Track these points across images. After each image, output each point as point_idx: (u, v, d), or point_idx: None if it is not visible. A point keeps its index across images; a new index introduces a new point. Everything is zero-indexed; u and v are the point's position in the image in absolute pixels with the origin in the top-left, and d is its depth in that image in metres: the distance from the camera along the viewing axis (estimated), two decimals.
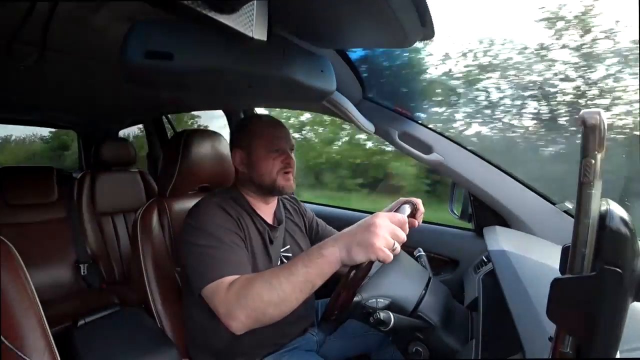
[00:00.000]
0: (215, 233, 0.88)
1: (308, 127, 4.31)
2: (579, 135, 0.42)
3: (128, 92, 1.65)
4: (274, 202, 1.10)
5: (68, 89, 1.62)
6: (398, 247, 0.68)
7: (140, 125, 2.71)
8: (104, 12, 0.60)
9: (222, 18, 0.50)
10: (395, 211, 0.87)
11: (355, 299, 0.76)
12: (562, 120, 2.16)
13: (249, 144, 1.01)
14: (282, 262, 1.05)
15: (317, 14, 0.72)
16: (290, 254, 1.08)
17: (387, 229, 0.66)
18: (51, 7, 0.51)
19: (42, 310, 0.64)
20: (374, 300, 0.78)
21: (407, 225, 0.69)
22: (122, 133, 2.79)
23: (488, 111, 2.49)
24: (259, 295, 0.72)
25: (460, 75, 2.67)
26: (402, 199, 1.03)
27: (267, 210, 1.07)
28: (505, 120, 2.45)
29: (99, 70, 1.22)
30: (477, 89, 2.53)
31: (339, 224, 1.29)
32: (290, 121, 4.10)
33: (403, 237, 0.68)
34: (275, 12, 0.58)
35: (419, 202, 1.00)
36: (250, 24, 0.55)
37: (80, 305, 1.67)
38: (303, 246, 1.13)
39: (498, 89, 2.47)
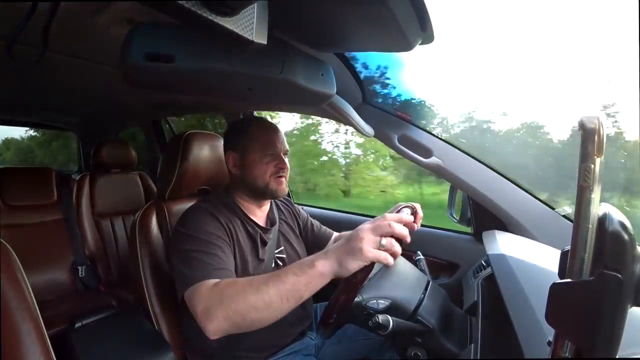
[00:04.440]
0: (202, 238, 0.88)
1: None
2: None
3: (128, 94, 1.65)
4: (266, 205, 1.11)
5: (68, 90, 1.62)
6: (385, 241, 0.66)
7: None
8: (105, 14, 0.61)
9: (223, 21, 0.50)
10: (398, 210, 0.87)
11: (357, 299, 0.76)
12: None
13: (243, 146, 1.02)
14: (275, 263, 1.05)
15: (317, 17, 0.72)
16: (284, 255, 1.08)
17: (371, 231, 0.66)
18: (52, 8, 0.51)
19: (39, 312, 0.64)
20: (375, 301, 0.78)
21: (395, 219, 0.68)
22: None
23: None
24: (244, 298, 0.71)
25: None
26: (400, 203, 1.03)
27: (259, 213, 1.08)
28: None
29: (99, 72, 1.22)
30: None
31: (335, 226, 1.29)
32: None
33: (387, 230, 0.66)
34: (276, 16, 0.59)
35: (417, 206, 1.00)
36: (251, 27, 0.55)
37: (77, 307, 1.66)
38: (297, 247, 1.13)
39: None
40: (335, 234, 1.27)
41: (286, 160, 1.04)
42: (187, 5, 0.44)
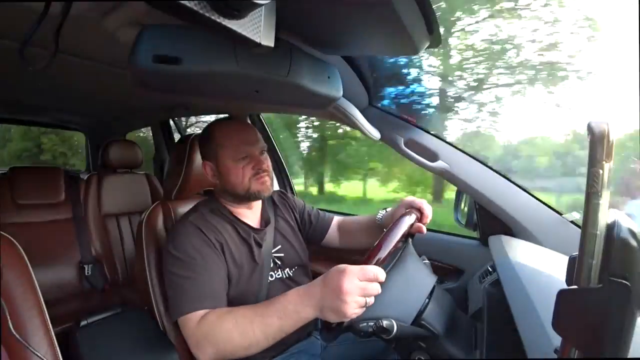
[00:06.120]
0: (189, 261, 0.89)
1: None
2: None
3: (136, 96, 1.67)
4: (257, 205, 1.09)
5: (77, 91, 1.65)
6: (370, 300, 0.68)
7: None
8: (114, 16, 0.61)
9: (230, 24, 0.50)
10: (399, 218, 0.86)
11: (345, 323, 0.74)
12: None
13: (215, 154, 0.99)
14: (274, 263, 1.04)
15: (324, 20, 0.72)
16: (282, 254, 1.07)
17: (357, 292, 0.65)
18: (63, 11, 0.52)
19: (45, 310, 0.64)
20: (365, 324, 0.76)
21: (380, 275, 0.68)
22: None
23: None
24: (230, 339, 0.75)
25: None
26: (406, 200, 1.00)
27: (251, 214, 1.06)
28: None
29: (108, 73, 1.24)
30: None
31: None
32: None
33: (376, 291, 0.68)
34: (283, 19, 0.59)
35: (423, 203, 0.97)
36: (258, 29, 0.55)
37: (83, 306, 1.68)
38: (295, 244, 1.12)
39: None
40: (337, 218, 1.26)
41: (265, 158, 1.00)
42: (195, 8, 0.45)
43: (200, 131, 1.15)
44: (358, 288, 0.65)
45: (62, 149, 7.19)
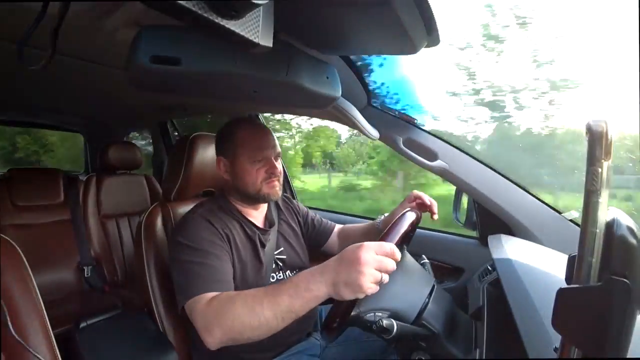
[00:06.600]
0: (199, 248, 0.89)
1: None
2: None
3: (135, 97, 1.67)
4: (264, 206, 1.10)
5: (76, 92, 1.64)
6: (386, 277, 0.66)
7: None
8: (113, 17, 0.61)
9: (228, 24, 0.50)
10: (402, 214, 0.86)
11: (353, 313, 0.75)
12: None
13: (233, 153, 1.00)
14: (276, 264, 1.05)
15: (323, 20, 0.72)
16: (284, 256, 1.08)
17: (374, 264, 0.64)
18: (61, 11, 0.52)
19: (45, 311, 0.64)
20: (372, 314, 0.76)
21: (397, 253, 0.67)
22: None
23: None
24: (239, 318, 0.73)
25: None
26: (404, 201, 1.05)
27: (257, 214, 1.08)
28: None
29: (106, 74, 1.24)
30: None
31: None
32: None
33: (391, 267, 0.66)
34: (281, 19, 0.59)
35: (422, 195, 1.04)
36: (256, 30, 0.55)
37: (82, 307, 1.67)
38: (296, 247, 1.13)
39: None
40: (338, 226, 1.28)
41: (278, 163, 1.02)
42: (193, 8, 0.45)
43: None
44: (375, 260, 0.65)
45: (34, 148, 7.33)
